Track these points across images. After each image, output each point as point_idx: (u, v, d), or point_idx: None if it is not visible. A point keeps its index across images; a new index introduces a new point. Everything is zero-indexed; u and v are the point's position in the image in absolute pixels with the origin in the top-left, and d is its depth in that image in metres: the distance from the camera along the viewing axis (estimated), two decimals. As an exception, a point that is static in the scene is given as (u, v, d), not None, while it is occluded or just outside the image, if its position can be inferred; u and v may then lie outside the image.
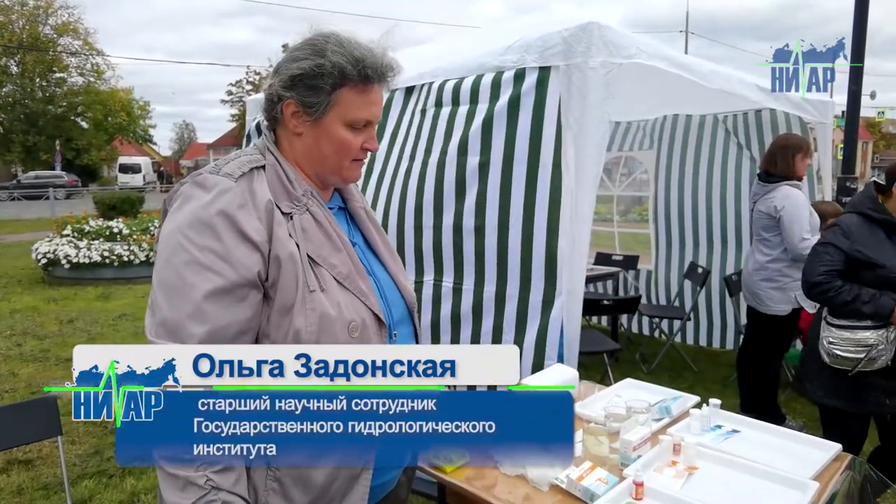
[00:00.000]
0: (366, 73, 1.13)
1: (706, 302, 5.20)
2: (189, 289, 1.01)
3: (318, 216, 1.16)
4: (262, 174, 1.15)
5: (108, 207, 15.08)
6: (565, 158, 2.46)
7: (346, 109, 1.15)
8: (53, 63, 32.32)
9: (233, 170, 1.11)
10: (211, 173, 1.11)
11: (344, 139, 1.17)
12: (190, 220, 1.05)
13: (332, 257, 1.13)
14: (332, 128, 1.16)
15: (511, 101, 2.56)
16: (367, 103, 1.17)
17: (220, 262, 1.03)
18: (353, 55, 1.12)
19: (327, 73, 1.12)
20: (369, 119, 1.18)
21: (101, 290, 7.89)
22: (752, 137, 4.87)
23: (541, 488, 1.57)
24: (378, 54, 1.15)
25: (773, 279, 3.51)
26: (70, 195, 25.19)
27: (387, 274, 1.28)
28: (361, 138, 1.19)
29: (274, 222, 1.09)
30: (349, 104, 1.15)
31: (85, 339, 5.77)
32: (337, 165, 1.20)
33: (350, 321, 1.10)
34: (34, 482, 3.13)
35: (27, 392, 4.37)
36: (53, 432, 2.18)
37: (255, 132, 4.44)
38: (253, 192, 1.10)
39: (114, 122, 35.48)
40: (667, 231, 5.54)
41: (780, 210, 3.42)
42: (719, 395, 2.02)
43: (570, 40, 2.40)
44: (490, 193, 2.66)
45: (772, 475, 1.58)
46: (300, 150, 1.20)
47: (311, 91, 1.13)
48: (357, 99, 1.15)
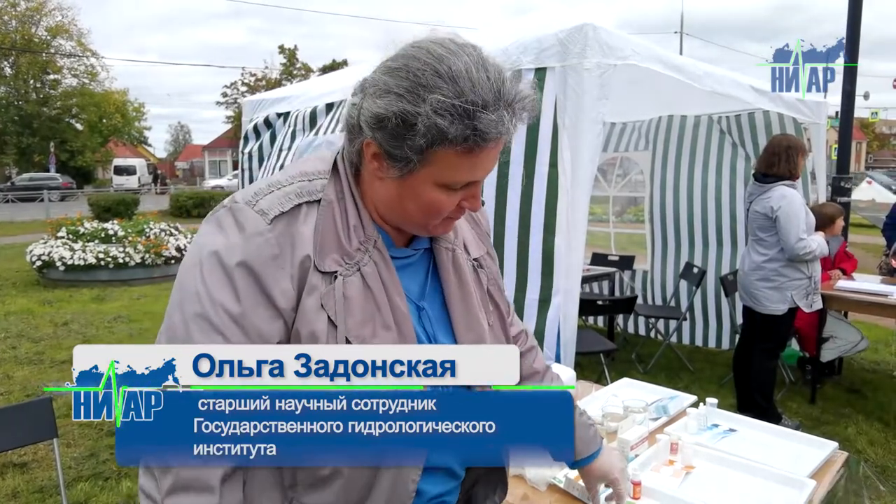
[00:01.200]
0: (479, 129, 0.82)
1: (702, 302, 5.22)
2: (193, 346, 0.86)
3: (370, 278, 0.91)
4: (312, 212, 0.90)
5: (102, 209, 15.08)
6: (561, 158, 2.47)
7: (443, 171, 0.87)
8: (47, 65, 32.21)
9: (271, 205, 0.88)
10: (247, 204, 0.89)
11: (435, 201, 0.90)
12: (209, 260, 0.87)
13: (375, 337, 0.89)
14: (422, 188, 0.89)
15: None
16: (475, 165, 0.87)
17: (232, 326, 0.84)
18: (466, 101, 0.81)
19: (423, 129, 0.83)
20: (475, 180, 0.91)
21: (97, 293, 7.87)
22: (746, 138, 4.89)
23: (539, 488, 1.57)
24: (504, 89, 0.85)
25: (769, 279, 3.53)
26: (64, 197, 25.10)
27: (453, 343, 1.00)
28: (459, 197, 0.91)
29: (306, 287, 0.87)
30: (448, 166, 0.87)
31: (80, 341, 5.75)
32: (422, 224, 0.94)
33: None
34: (29, 485, 3.12)
35: (22, 395, 4.35)
36: (49, 435, 2.16)
37: (252, 133, 4.45)
38: (293, 239, 0.87)
39: (108, 123, 35.40)
40: (662, 231, 5.56)
41: (777, 210, 3.43)
42: (716, 395, 2.03)
43: (565, 41, 2.41)
44: (487, 192, 2.68)
45: (769, 474, 1.59)
46: (381, 195, 0.93)
47: (397, 142, 0.85)
48: (461, 161, 0.86)
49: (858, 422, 3.81)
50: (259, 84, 34.94)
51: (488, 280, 1.08)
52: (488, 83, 0.83)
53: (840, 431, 3.64)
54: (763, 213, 3.52)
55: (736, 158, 5.01)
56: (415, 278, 1.00)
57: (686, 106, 4.97)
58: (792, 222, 3.41)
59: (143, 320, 6.53)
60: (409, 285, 0.98)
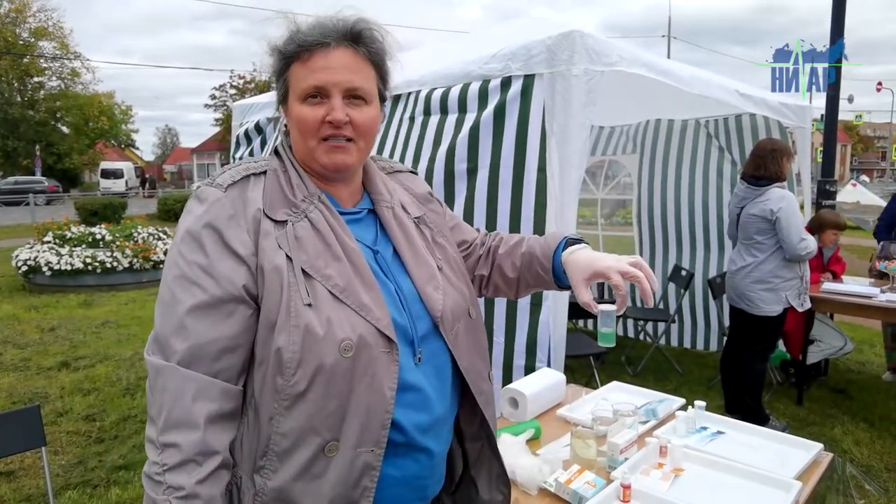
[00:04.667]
0: (302, 38, 1.04)
1: (690, 304, 5.26)
2: (176, 304, 0.98)
3: (318, 223, 1.05)
4: (259, 181, 1.07)
5: (89, 213, 14.87)
6: (550, 163, 2.49)
7: (295, 85, 1.06)
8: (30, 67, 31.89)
9: (225, 179, 1.06)
10: (206, 185, 1.06)
11: (300, 116, 1.06)
12: (182, 235, 1.02)
13: (329, 268, 1.02)
14: (293, 109, 1.07)
15: (497, 108, 2.59)
16: (312, 70, 1.04)
17: (204, 276, 0.98)
18: (293, 30, 1.06)
19: (277, 56, 1.07)
20: (317, 85, 1.04)
21: (84, 298, 7.80)
22: (732, 142, 4.94)
23: (529, 492, 1.58)
24: (326, 16, 1.06)
25: (765, 280, 3.55)
26: (50, 201, 24.86)
27: (410, 282, 1.11)
28: (322, 111, 1.05)
29: (260, 233, 1.01)
30: (295, 79, 1.06)
31: (67, 347, 5.70)
32: (306, 149, 1.08)
33: (342, 340, 0.97)
34: (16, 494, 3.09)
35: (8, 402, 4.31)
36: (37, 443, 2.13)
37: (243, 138, 4.43)
38: (245, 201, 1.03)
39: (95, 126, 35.10)
40: (650, 234, 5.60)
41: (777, 212, 3.45)
42: (704, 397, 2.06)
43: (553, 48, 2.43)
44: (478, 197, 2.69)
45: (756, 475, 1.61)
46: (293, 141, 1.12)
47: (275, 77, 1.10)
48: (301, 70, 1.05)
49: (844, 422, 3.86)
50: (248, 86, 34.78)
51: (433, 233, 1.22)
52: (314, 20, 1.06)
53: (826, 432, 3.68)
54: (761, 216, 3.52)
55: (722, 162, 5.05)
56: (367, 231, 1.14)
57: (673, 110, 5.02)
58: (793, 222, 3.44)
59: (132, 325, 6.48)
60: (363, 236, 1.12)
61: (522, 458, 1.65)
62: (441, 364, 1.11)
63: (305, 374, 0.96)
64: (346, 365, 0.98)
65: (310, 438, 0.98)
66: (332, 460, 0.99)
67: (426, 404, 1.07)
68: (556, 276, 1.27)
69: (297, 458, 0.98)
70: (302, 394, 0.97)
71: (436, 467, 1.13)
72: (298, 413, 0.97)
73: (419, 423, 1.06)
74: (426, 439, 1.07)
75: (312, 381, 0.97)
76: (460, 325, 1.14)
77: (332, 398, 0.98)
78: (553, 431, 1.93)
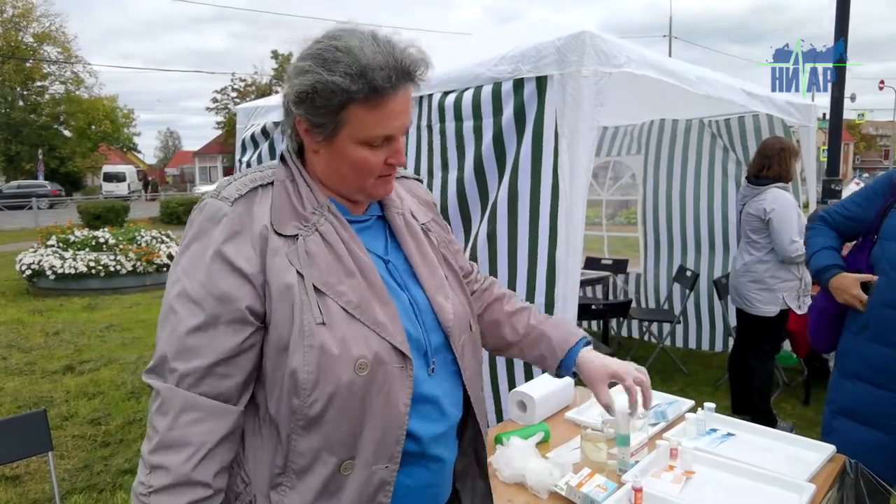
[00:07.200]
0: (375, 84, 0.95)
1: (695, 305, 5.25)
2: (177, 323, 0.95)
3: (328, 235, 1.01)
4: (266, 192, 1.03)
5: (92, 217, 14.93)
6: (561, 165, 2.48)
7: (358, 129, 0.99)
8: (33, 71, 31.98)
9: (231, 192, 1.01)
10: (212, 197, 1.02)
11: (361, 159, 1.01)
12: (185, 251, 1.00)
13: (341, 284, 0.99)
14: (347, 149, 1.01)
15: (516, 113, 2.57)
16: (383, 118, 0.99)
17: (206, 295, 0.95)
18: (360, 64, 0.94)
19: (330, 92, 0.96)
20: (388, 134, 1.01)
21: (88, 301, 7.81)
22: (736, 141, 4.93)
23: (540, 496, 1.57)
24: (394, 54, 0.97)
25: (761, 280, 3.55)
26: (53, 205, 24.88)
27: (423, 293, 1.10)
28: (383, 154, 1.02)
29: (268, 251, 0.97)
30: (360, 123, 0.99)
31: (71, 350, 5.70)
32: (359, 185, 1.05)
33: (357, 358, 0.95)
34: (22, 498, 3.09)
35: (13, 406, 4.31)
36: (44, 448, 2.12)
37: (250, 143, 4.41)
38: (251, 216, 0.99)
39: (98, 130, 35.18)
40: (655, 234, 5.59)
41: (770, 212, 3.46)
42: (710, 397, 2.05)
43: (563, 49, 2.41)
44: (500, 200, 2.68)
45: (768, 478, 1.60)
46: (320, 167, 1.06)
47: (317, 110, 0.98)
48: (369, 116, 0.98)
49: (852, 422, 3.83)
50: (249, 89, 34.82)
51: (438, 241, 1.20)
52: (378, 48, 0.97)
53: (834, 432, 3.66)
54: (756, 216, 3.54)
55: (727, 162, 5.04)
56: (377, 239, 1.11)
57: (678, 110, 5.00)
58: (785, 224, 3.43)
59: (136, 329, 6.48)
60: (373, 244, 1.09)
61: (532, 461, 1.64)
62: (452, 372, 1.12)
63: (322, 394, 0.95)
64: (362, 383, 0.96)
65: (326, 457, 0.97)
66: (348, 478, 0.98)
67: (440, 413, 1.07)
68: (561, 366, 1.31)
69: (315, 476, 0.97)
70: (318, 414, 0.96)
71: (447, 475, 1.13)
72: (315, 432, 0.97)
73: (433, 433, 1.06)
74: (438, 448, 1.07)
75: (329, 401, 0.95)
76: (465, 336, 1.14)
77: (348, 416, 0.97)
78: (562, 434, 1.92)
